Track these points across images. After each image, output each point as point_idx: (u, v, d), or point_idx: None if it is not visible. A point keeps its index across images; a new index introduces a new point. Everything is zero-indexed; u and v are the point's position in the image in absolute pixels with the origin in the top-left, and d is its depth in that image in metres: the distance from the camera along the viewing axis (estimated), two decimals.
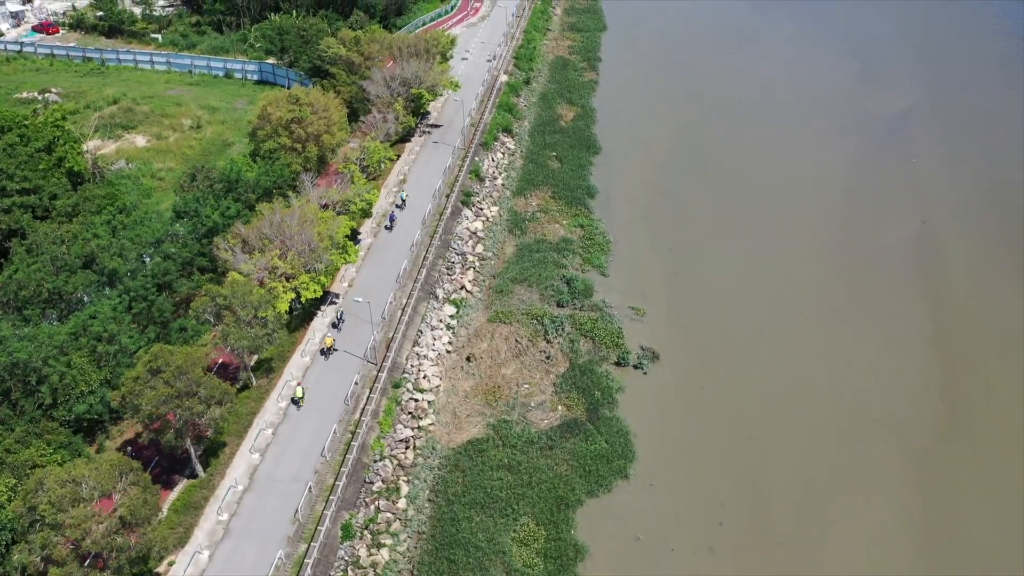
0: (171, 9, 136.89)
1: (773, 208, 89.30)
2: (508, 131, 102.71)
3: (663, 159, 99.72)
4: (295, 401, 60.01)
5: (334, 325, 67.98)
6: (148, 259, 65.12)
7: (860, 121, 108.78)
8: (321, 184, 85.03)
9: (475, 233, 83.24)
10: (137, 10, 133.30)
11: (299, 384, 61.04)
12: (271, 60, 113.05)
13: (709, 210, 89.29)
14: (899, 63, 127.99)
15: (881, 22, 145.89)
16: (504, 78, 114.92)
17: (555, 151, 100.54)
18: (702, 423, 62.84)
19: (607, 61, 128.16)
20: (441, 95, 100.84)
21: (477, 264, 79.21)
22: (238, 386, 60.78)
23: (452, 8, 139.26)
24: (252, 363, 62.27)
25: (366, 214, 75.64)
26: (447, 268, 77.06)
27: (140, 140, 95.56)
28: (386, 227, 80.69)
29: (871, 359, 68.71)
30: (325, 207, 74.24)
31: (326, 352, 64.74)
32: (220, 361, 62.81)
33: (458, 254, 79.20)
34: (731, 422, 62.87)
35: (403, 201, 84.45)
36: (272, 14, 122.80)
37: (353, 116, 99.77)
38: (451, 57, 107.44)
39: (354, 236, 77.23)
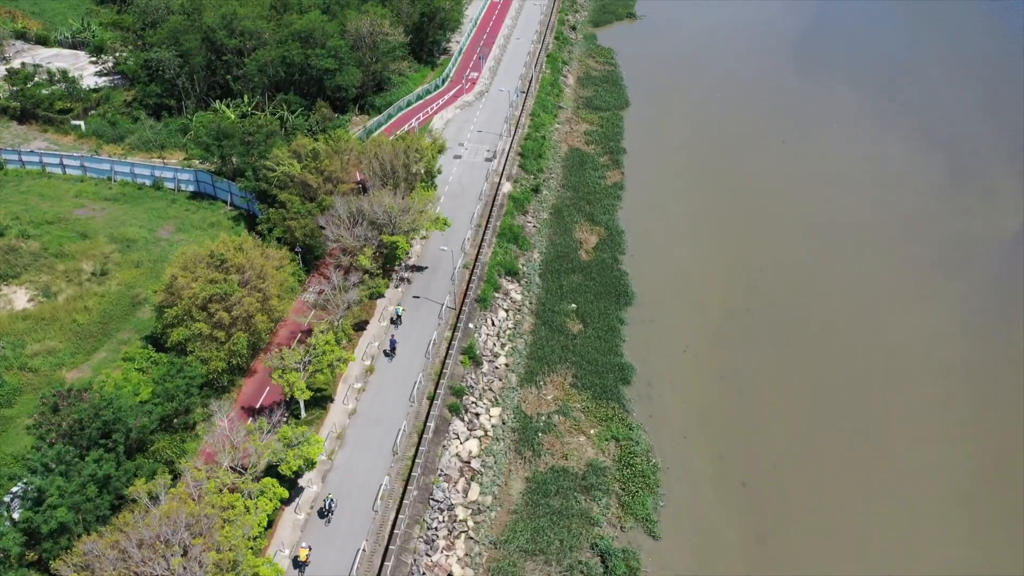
0: (105, 79, 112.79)
1: (879, 411, 64.82)
2: (513, 273, 78.47)
3: (716, 316, 75.43)
4: None
5: (321, 515, 52.31)
6: None
7: (963, 252, 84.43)
8: (239, 403, 60.77)
9: (468, 463, 58.85)
10: (63, 85, 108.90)
11: None
12: (210, 165, 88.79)
13: (789, 411, 65.02)
14: (994, 154, 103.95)
15: (959, 96, 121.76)
16: (507, 187, 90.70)
17: (575, 301, 76.37)
18: None
19: (633, 152, 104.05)
20: (425, 236, 76.62)
21: (470, 524, 54.76)
22: None
23: (444, 81, 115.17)
24: None
25: (304, 468, 51.26)
26: (427, 542, 52.59)
27: (21, 298, 71.27)
28: (385, 353, 65.82)
29: None
30: (241, 467, 49.93)
31: (301, 566, 48.04)
32: None
33: (443, 509, 54.77)
34: None
35: (398, 316, 69.18)
36: (218, 101, 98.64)
37: (309, 253, 76.03)
38: (439, 172, 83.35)
39: (294, 483, 53.04)
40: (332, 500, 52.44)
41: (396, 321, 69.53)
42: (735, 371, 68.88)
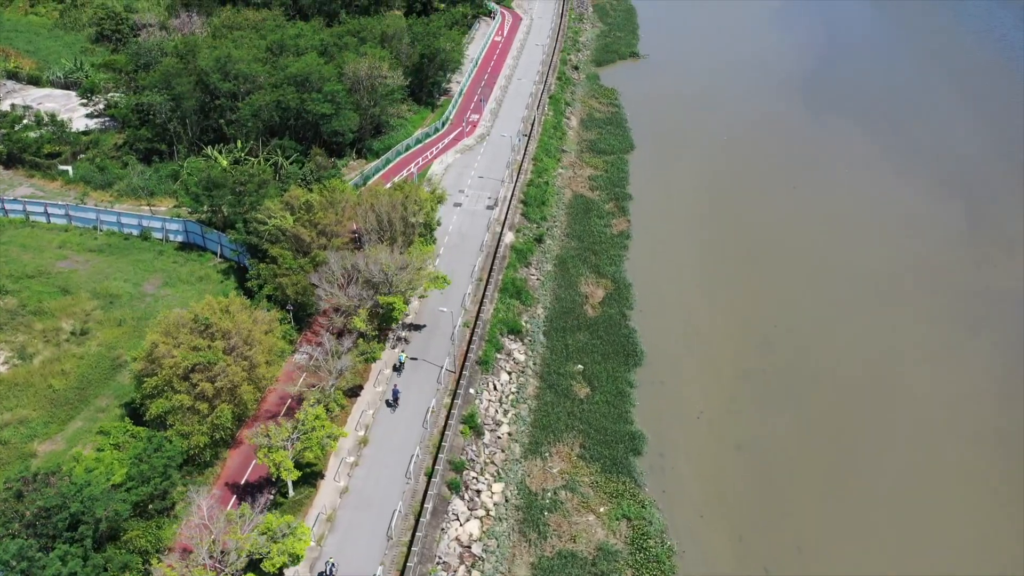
0: (95, 122, 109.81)
1: (907, 486, 60.58)
2: (516, 331, 74.57)
3: (730, 377, 71.42)
4: None
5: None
6: None
7: (986, 306, 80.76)
8: (222, 478, 56.53)
9: (468, 548, 54.47)
10: (51, 128, 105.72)
11: None
12: (200, 215, 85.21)
13: (810, 485, 60.79)
14: (1012, 200, 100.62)
15: (972, 136, 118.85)
16: (510, 238, 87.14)
17: (581, 362, 72.42)
18: None
19: (639, 199, 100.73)
20: (424, 295, 72.86)
21: None
22: None
23: (444, 124, 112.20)
24: None
25: (289, 563, 46.98)
26: None
27: None
28: (387, 403, 63.51)
29: None
30: (221, 556, 45.59)
31: None
32: None
33: None
34: None
35: (401, 363, 67.14)
36: (211, 146, 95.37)
37: (302, 311, 72.13)
38: (438, 224, 79.93)
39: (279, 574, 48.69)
40: (333, 564, 48.90)
41: (399, 368, 66.64)
42: (752, 439, 64.73)
